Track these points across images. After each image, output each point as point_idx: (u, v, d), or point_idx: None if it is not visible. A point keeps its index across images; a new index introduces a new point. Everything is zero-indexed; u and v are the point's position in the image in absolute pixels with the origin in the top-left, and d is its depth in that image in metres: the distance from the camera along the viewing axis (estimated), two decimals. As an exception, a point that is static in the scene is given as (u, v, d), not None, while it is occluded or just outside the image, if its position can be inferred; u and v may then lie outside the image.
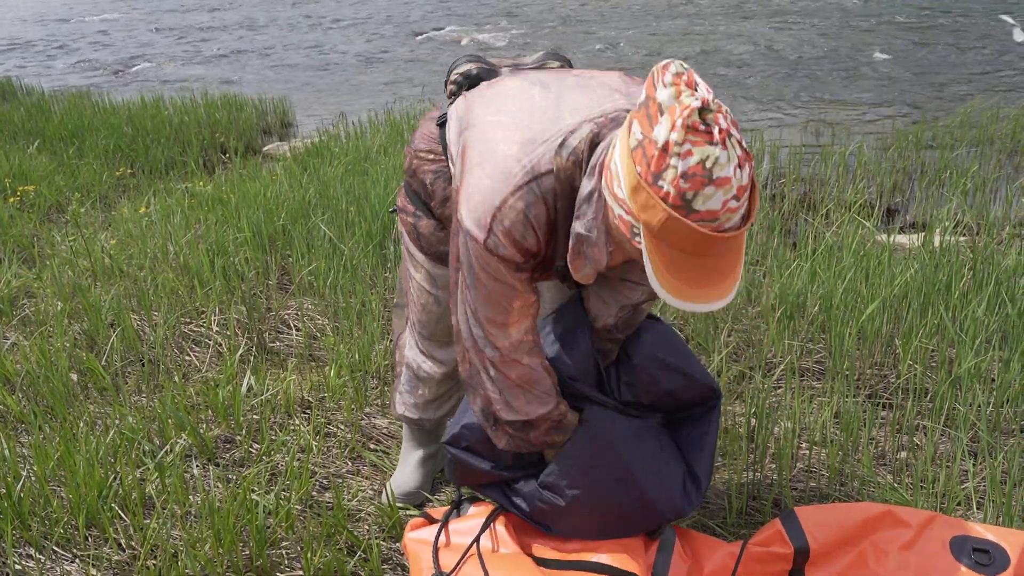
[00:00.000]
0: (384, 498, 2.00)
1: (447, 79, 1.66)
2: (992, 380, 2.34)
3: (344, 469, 2.16)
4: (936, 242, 3.11)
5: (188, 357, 2.71)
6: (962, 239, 3.27)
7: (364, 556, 1.82)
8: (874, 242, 3.22)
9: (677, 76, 1.14)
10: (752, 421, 2.19)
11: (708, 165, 1.12)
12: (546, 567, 1.57)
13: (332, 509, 1.96)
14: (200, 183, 4.56)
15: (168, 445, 2.19)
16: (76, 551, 1.89)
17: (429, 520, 1.70)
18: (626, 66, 8.14)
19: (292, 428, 2.31)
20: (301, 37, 11.25)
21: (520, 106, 1.41)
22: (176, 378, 2.54)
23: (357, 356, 2.55)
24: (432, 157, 1.64)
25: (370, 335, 2.65)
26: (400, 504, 1.97)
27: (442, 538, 1.63)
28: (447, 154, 1.58)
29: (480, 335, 1.47)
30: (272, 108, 6.60)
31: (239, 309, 2.90)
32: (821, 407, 2.30)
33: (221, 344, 2.75)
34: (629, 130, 1.20)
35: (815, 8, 11.15)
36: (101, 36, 12.43)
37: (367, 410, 2.38)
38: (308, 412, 2.39)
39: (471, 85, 1.61)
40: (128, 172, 5.05)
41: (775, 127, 5.59)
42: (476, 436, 1.64)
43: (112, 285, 3.17)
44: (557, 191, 1.36)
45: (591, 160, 1.33)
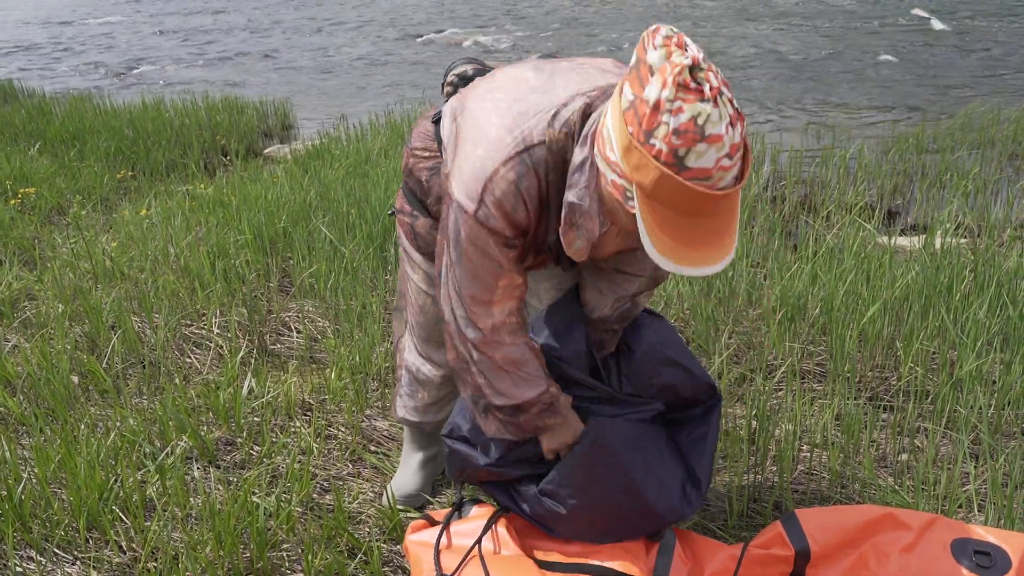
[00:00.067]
0: (385, 500, 1.99)
1: (444, 80, 1.67)
2: (993, 382, 2.34)
3: (345, 471, 2.16)
4: (937, 244, 3.11)
5: (189, 359, 2.72)
6: (963, 241, 3.27)
7: (365, 558, 1.82)
8: (875, 244, 3.22)
9: (667, 38, 1.14)
10: (753, 423, 2.19)
11: (700, 122, 1.11)
12: (548, 569, 1.57)
13: (333, 511, 1.96)
14: (201, 185, 4.57)
15: (169, 447, 2.19)
16: (77, 553, 1.89)
17: (430, 522, 1.69)
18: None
19: (293, 430, 2.31)
20: (304, 40, 11.28)
21: (513, 86, 1.40)
22: (177, 380, 2.54)
23: (358, 358, 2.55)
24: (428, 155, 1.64)
25: (371, 337, 2.65)
26: (401, 506, 1.97)
27: (443, 540, 1.63)
28: (442, 150, 1.58)
29: (462, 315, 1.45)
30: (273, 111, 6.61)
31: (240, 311, 2.91)
32: (822, 409, 2.30)
33: (222, 346, 2.75)
34: (620, 93, 1.19)
35: (818, 11, 11.16)
36: (104, 39, 12.47)
37: (368, 412, 2.38)
38: (309, 414, 2.39)
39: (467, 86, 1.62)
40: (129, 174, 5.05)
41: (776, 130, 5.59)
42: (472, 427, 1.64)
43: (113, 287, 3.18)
44: (549, 163, 1.34)
45: (583, 131, 1.32)
